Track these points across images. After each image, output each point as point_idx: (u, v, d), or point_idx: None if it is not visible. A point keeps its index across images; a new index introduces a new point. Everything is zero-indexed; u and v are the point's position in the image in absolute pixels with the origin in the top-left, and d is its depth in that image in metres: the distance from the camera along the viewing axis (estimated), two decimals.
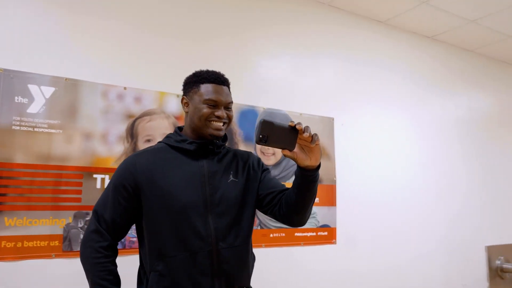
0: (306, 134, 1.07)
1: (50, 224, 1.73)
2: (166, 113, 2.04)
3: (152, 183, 1.20)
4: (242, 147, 2.23)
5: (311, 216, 2.38)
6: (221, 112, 1.25)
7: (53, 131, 1.78)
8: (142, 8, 2.06)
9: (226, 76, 1.34)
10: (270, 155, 2.31)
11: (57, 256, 1.72)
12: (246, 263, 1.27)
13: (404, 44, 3.05)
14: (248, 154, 1.39)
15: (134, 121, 1.96)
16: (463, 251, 3.10)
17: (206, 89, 1.25)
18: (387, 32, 2.96)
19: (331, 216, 2.49)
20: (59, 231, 1.74)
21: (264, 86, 2.38)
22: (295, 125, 1.06)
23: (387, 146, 2.82)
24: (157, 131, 2.00)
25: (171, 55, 2.10)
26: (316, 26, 2.64)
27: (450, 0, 2.63)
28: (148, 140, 1.98)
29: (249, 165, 1.34)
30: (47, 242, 1.71)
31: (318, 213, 2.44)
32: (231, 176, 1.28)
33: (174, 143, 1.28)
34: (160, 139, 1.98)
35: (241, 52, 2.33)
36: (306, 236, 2.38)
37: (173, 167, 1.23)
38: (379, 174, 2.75)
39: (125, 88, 1.96)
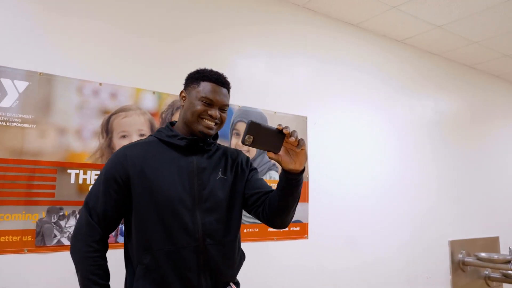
0: (292, 139, 1.07)
1: (22, 219, 1.70)
2: (142, 109, 2.03)
3: (142, 176, 1.20)
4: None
5: None
6: (214, 112, 1.25)
7: (26, 125, 1.75)
8: (119, 5, 2.05)
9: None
10: (245, 151, 2.32)
11: (29, 251, 1.70)
12: (232, 259, 1.28)
13: (375, 46, 3.12)
14: (238, 152, 1.39)
15: (110, 117, 1.94)
16: (429, 246, 3.21)
17: (205, 87, 1.26)
18: (359, 34, 3.03)
19: (303, 212, 2.53)
20: (32, 226, 1.71)
21: (240, 84, 2.38)
22: (283, 128, 1.07)
23: (358, 144, 2.89)
24: (132, 127, 1.99)
25: (147, 52, 2.09)
26: (291, 27, 2.68)
27: (418, 6, 2.72)
28: (124, 136, 1.97)
29: (237, 163, 1.34)
30: (19, 237, 1.69)
31: None
32: (220, 173, 1.29)
33: (165, 137, 1.28)
34: (135, 135, 2.02)
35: (217, 50, 2.34)
36: (279, 231, 2.41)
37: (163, 161, 1.23)
38: (350, 172, 2.81)
39: (100, 84, 1.94)
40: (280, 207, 1.20)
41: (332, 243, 2.65)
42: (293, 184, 1.15)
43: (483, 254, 3.31)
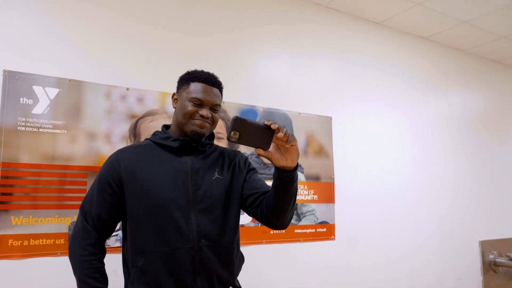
0: (280, 134, 1.04)
1: (55, 223, 1.73)
2: (168, 113, 2.04)
3: (134, 179, 1.20)
4: (241, 146, 2.23)
5: (310, 213, 2.41)
6: (205, 112, 1.23)
7: (57, 131, 1.78)
8: (144, 10, 2.06)
9: (224, 75, 1.32)
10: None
11: (62, 254, 1.73)
12: (230, 261, 1.25)
13: (399, 44, 3.06)
14: (236, 152, 1.37)
15: (137, 121, 1.96)
16: (457, 245, 3.12)
17: (194, 87, 1.25)
18: (383, 33, 2.97)
19: (329, 213, 2.50)
20: (64, 229, 1.74)
21: (263, 86, 2.39)
22: (271, 124, 1.04)
23: (383, 144, 2.84)
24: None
25: (172, 56, 2.10)
26: (314, 27, 2.65)
27: (444, 2, 2.65)
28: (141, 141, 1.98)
29: (235, 163, 1.32)
30: (52, 240, 1.72)
31: (317, 210, 2.45)
32: (215, 173, 1.27)
33: (158, 140, 1.27)
34: None
35: (239, 52, 2.33)
36: (306, 232, 2.39)
37: (156, 163, 1.22)
38: (375, 171, 2.76)
39: (127, 88, 1.96)
40: (276, 206, 1.17)
41: (360, 243, 2.61)
42: (287, 181, 1.11)
43: None
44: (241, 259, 1.34)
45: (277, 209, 1.17)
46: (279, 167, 1.10)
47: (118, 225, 1.30)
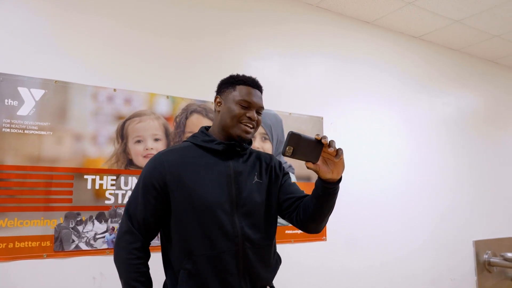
0: (331, 149, 1.07)
1: (41, 225, 1.71)
2: (156, 114, 2.03)
3: (180, 182, 1.21)
4: None
5: None
6: (252, 114, 1.25)
7: (43, 133, 1.76)
8: (131, 10, 2.05)
9: (215, 76, 1.33)
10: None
11: (48, 256, 1.71)
12: (269, 263, 1.28)
13: (392, 44, 3.05)
14: (271, 156, 1.40)
15: (124, 122, 1.95)
16: (451, 246, 3.11)
17: (241, 90, 1.27)
18: (375, 32, 2.96)
19: None
20: (50, 231, 1.73)
21: None
22: (321, 138, 1.07)
23: (375, 144, 2.82)
24: (147, 132, 1.99)
25: (160, 57, 2.09)
26: (305, 26, 2.64)
27: (435, 1, 2.64)
28: (138, 141, 1.97)
29: (271, 167, 1.35)
30: (38, 242, 1.70)
31: None
32: (255, 177, 1.29)
33: (201, 142, 1.28)
34: (150, 140, 2.03)
35: (229, 52, 2.32)
36: (297, 233, 2.38)
37: (201, 166, 1.24)
38: (368, 172, 2.74)
39: (114, 89, 1.95)
40: (315, 214, 1.20)
41: (352, 245, 2.59)
42: (330, 192, 1.15)
43: (509, 254, 3.19)
44: (278, 260, 1.37)
45: (316, 216, 1.21)
46: (324, 179, 1.13)
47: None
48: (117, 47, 1.99)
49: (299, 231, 2.37)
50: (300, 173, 2.43)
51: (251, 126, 1.26)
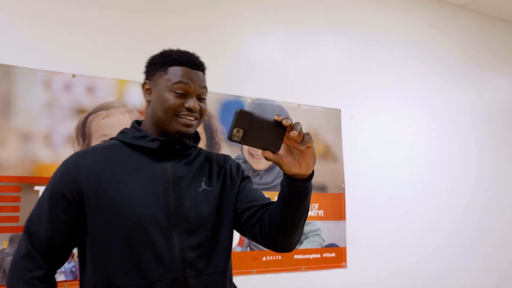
0: (294, 133, 1.01)
1: None
2: (127, 106, 2.02)
3: (99, 190, 1.17)
4: (224, 147, 2.21)
5: (314, 233, 2.40)
6: (192, 103, 1.21)
7: None
8: None
9: (202, 59, 1.31)
10: (260, 157, 2.28)
11: None
12: None
13: (426, 16, 3.04)
14: (225, 157, 1.37)
15: (87, 118, 1.94)
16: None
17: (175, 73, 1.23)
18: (404, 2, 2.95)
19: (339, 232, 2.48)
20: None
21: (252, 71, 2.36)
22: (282, 119, 1.01)
23: (406, 143, 2.83)
24: (116, 129, 1.90)
25: (132, 33, 2.08)
26: None
27: None
28: (105, 141, 1.95)
29: (225, 171, 1.32)
30: None
31: (323, 229, 2.42)
32: (203, 183, 1.26)
33: (131, 140, 1.25)
34: None
35: (221, 28, 2.31)
36: (309, 259, 2.37)
37: (128, 170, 1.20)
38: (397, 178, 2.75)
39: (73, 75, 1.94)
40: (284, 223, 1.16)
41: (378, 272, 2.58)
42: (299, 192, 1.11)
43: None
44: None
45: (285, 227, 1.17)
46: (290, 175, 1.09)
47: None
48: (77, 23, 1.97)
49: (311, 255, 2.37)
50: (313, 182, 2.40)
51: (192, 118, 1.23)
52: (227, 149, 2.20)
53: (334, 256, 2.45)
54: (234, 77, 2.31)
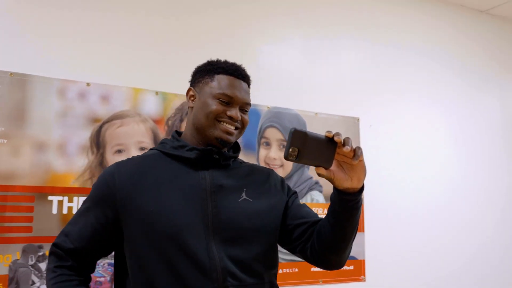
0: (347, 148, 1.03)
1: None
2: (142, 115, 2.03)
3: (134, 199, 1.18)
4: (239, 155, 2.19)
5: None
6: (235, 112, 1.24)
7: None
8: None
9: None
10: (277, 167, 2.28)
11: None
12: None
13: (451, 21, 3.02)
14: (269, 171, 1.38)
15: (101, 127, 1.95)
16: None
17: (220, 81, 1.26)
18: (426, 6, 2.94)
19: (358, 245, 2.46)
20: (3, 270, 1.71)
21: (268, 78, 2.36)
22: (333, 136, 1.04)
23: (429, 153, 2.80)
24: (130, 138, 1.99)
25: (147, 42, 2.09)
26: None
27: None
28: (119, 151, 1.97)
29: (269, 185, 1.33)
30: None
31: None
32: (243, 194, 1.26)
33: (169, 149, 1.27)
34: (134, 149, 2.02)
35: (237, 35, 2.32)
36: (326, 271, 2.31)
37: (165, 179, 1.21)
38: (419, 188, 2.72)
39: (88, 84, 1.95)
40: (335, 240, 1.17)
41: (399, 285, 2.55)
42: (351, 207, 1.12)
43: None
44: None
45: (337, 242, 1.18)
46: (341, 189, 1.11)
47: None
48: (92, 31, 1.98)
49: None
50: (329, 192, 2.39)
51: (233, 127, 1.25)
52: (242, 158, 2.19)
53: (353, 269, 2.44)
54: (250, 85, 2.31)
